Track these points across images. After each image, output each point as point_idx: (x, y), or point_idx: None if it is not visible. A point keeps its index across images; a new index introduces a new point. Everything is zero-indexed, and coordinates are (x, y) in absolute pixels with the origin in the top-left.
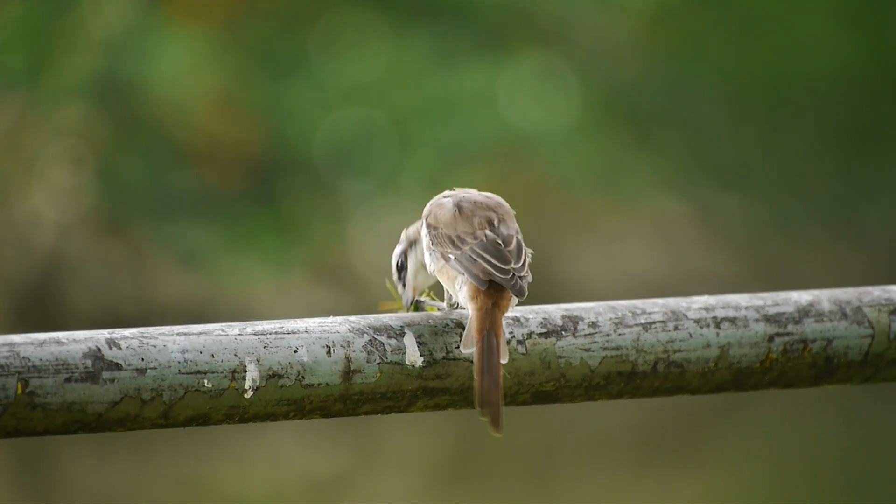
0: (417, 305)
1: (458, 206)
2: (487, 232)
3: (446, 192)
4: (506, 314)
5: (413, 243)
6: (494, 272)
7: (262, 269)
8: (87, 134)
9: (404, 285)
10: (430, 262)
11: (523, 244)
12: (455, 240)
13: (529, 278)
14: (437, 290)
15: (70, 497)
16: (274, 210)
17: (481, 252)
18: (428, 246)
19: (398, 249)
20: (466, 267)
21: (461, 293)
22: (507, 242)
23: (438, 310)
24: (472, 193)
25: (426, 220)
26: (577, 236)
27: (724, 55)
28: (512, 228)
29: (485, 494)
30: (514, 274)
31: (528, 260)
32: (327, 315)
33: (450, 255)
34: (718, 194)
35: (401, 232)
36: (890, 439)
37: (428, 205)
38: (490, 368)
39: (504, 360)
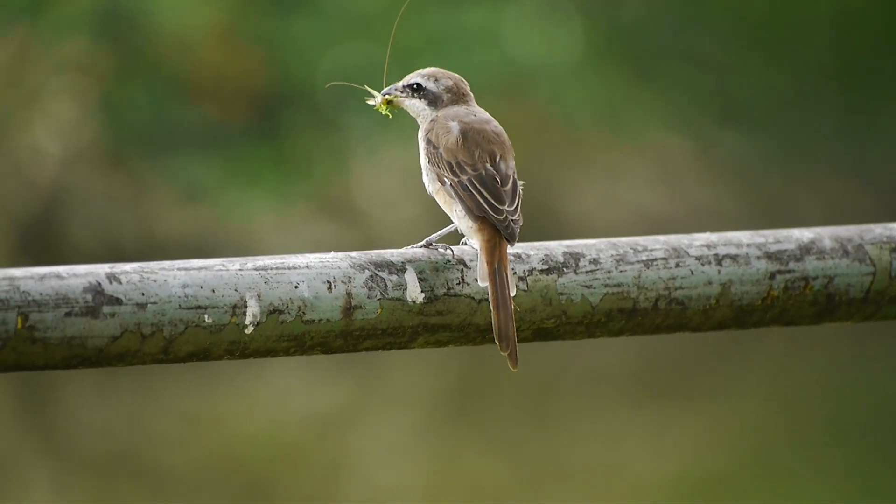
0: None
1: (464, 134)
2: (488, 166)
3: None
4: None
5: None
6: (489, 210)
7: (264, 203)
8: (89, 68)
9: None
10: (427, 181)
11: (517, 183)
12: (455, 166)
13: (520, 222)
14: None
15: (72, 432)
16: (276, 145)
17: (478, 185)
18: (425, 164)
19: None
20: (461, 196)
21: (463, 223)
22: (504, 181)
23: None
24: (477, 118)
25: (427, 134)
26: (579, 172)
27: None
28: (510, 167)
29: (486, 430)
30: (507, 216)
31: (520, 202)
32: (328, 250)
33: (445, 180)
34: (721, 131)
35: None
36: (889, 377)
37: (434, 116)
38: (504, 302)
39: (513, 294)
